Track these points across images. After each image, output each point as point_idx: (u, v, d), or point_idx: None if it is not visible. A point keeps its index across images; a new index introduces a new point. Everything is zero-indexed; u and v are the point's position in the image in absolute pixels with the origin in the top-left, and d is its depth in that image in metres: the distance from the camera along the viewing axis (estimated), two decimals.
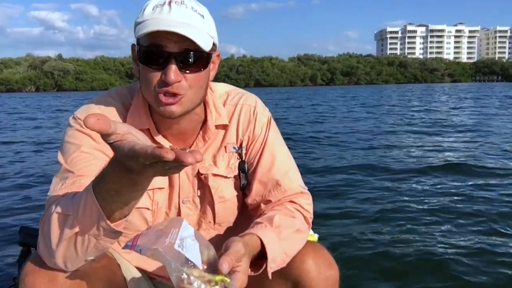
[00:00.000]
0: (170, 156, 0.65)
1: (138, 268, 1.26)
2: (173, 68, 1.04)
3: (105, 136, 0.72)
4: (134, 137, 0.74)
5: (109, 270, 1.11)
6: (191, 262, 0.87)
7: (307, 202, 1.26)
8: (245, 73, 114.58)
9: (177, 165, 0.70)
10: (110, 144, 0.74)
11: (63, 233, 0.91)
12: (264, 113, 1.30)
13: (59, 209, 0.93)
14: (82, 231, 0.89)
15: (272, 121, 1.32)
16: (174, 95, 1.07)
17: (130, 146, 0.71)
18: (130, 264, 1.24)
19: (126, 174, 0.77)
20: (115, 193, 0.83)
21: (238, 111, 1.28)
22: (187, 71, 1.07)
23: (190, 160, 0.66)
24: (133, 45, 1.15)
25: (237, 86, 1.37)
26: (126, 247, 0.89)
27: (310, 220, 1.24)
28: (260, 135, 1.28)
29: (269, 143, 1.27)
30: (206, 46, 1.06)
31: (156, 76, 1.07)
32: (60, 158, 1.13)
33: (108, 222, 0.86)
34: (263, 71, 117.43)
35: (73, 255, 0.93)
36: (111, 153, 1.13)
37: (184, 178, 1.22)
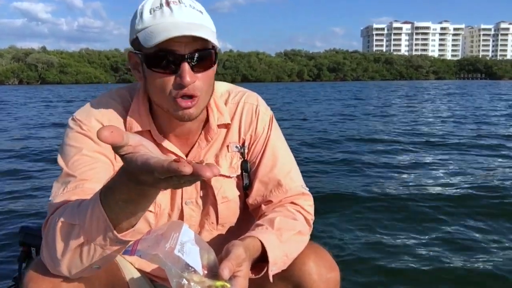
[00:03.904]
0: (187, 170, 0.62)
1: (139, 270, 1.25)
2: (187, 69, 1.02)
3: (116, 148, 0.69)
4: (146, 148, 0.71)
5: (112, 274, 1.10)
6: (192, 267, 0.85)
7: (308, 203, 1.25)
8: (231, 68, 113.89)
9: (193, 179, 0.66)
10: (122, 156, 0.70)
11: (69, 243, 0.89)
12: (266, 112, 1.29)
13: (64, 218, 0.90)
14: (88, 241, 0.87)
15: (274, 120, 1.31)
16: (191, 97, 1.06)
17: (144, 160, 0.67)
18: (132, 266, 1.23)
19: (137, 185, 0.74)
20: (123, 204, 0.80)
21: (240, 109, 1.26)
22: (199, 71, 1.06)
23: (208, 174, 0.63)
24: (130, 52, 1.11)
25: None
26: (125, 252, 0.88)
27: (311, 222, 1.24)
28: (262, 134, 1.26)
29: (271, 143, 1.26)
30: (214, 42, 1.04)
31: (170, 80, 1.04)
32: (60, 161, 1.10)
33: (115, 232, 0.84)
34: (250, 66, 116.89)
35: (78, 264, 0.91)
36: (113, 156, 1.13)
37: None
